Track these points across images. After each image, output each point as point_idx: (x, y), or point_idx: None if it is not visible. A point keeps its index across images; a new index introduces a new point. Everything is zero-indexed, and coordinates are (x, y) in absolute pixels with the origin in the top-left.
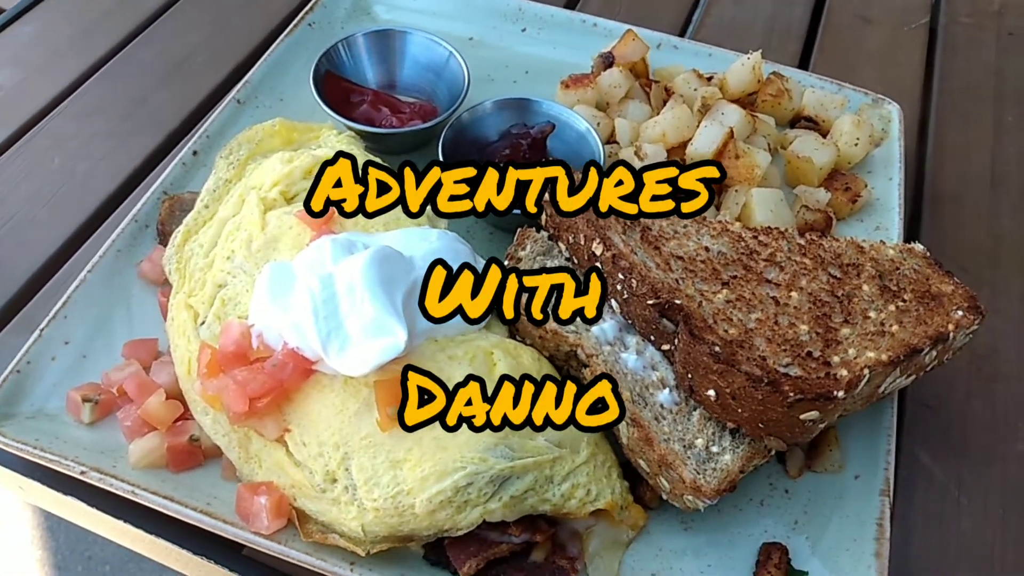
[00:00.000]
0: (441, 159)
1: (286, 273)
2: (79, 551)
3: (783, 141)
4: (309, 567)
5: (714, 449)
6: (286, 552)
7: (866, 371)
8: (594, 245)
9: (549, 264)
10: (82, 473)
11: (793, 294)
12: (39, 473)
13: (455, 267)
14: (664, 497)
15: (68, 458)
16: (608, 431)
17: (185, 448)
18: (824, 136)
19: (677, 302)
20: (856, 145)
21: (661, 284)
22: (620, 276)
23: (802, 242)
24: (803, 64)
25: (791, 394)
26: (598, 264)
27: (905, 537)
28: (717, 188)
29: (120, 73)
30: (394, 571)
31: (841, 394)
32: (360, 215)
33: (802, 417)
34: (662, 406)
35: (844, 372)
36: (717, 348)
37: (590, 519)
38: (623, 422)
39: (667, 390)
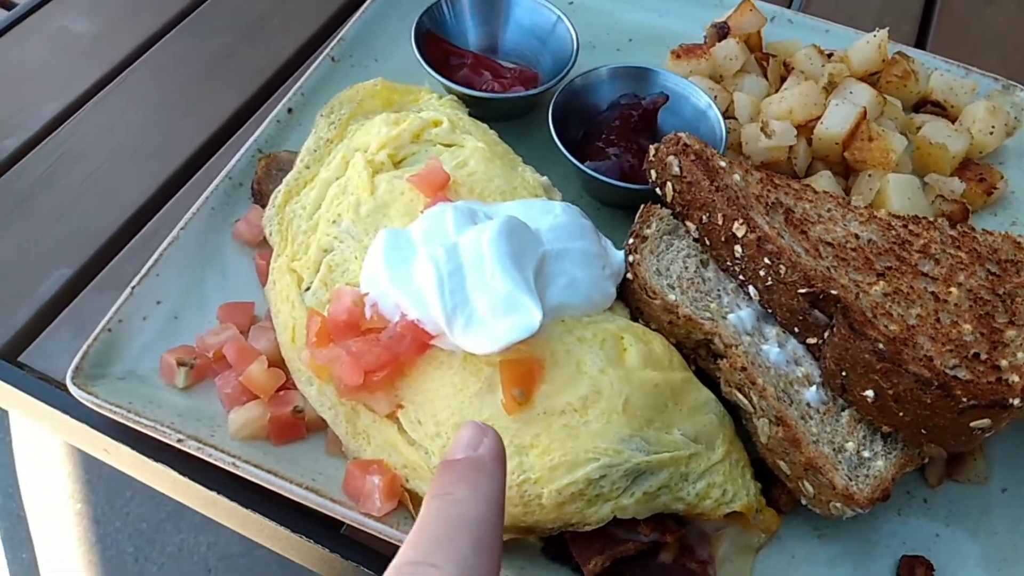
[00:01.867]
0: (552, 128)
1: (404, 240)
2: (118, 507)
3: (910, 125)
4: None
5: (866, 454)
6: (399, 537)
7: None
8: (735, 226)
9: (677, 244)
10: (179, 441)
11: (952, 290)
12: (127, 437)
13: (582, 244)
14: (804, 502)
15: (164, 424)
16: (740, 426)
17: (288, 420)
18: (952, 122)
19: (833, 292)
20: (991, 134)
21: (814, 272)
22: (766, 261)
23: (954, 234)
24: (919, 47)
25: (964, 400)
26: (737, 246)
27: None
28: (845, 172)
29: (202, 26)
30: (512, 564)
31: (1016, 402)
32: (475, 183)
33: (972, 425)
34: (809, 404)
35: (1016, 377)
36: (880, 345)
37: (721, 521)
38: (764, 420)
39: (813, 388)
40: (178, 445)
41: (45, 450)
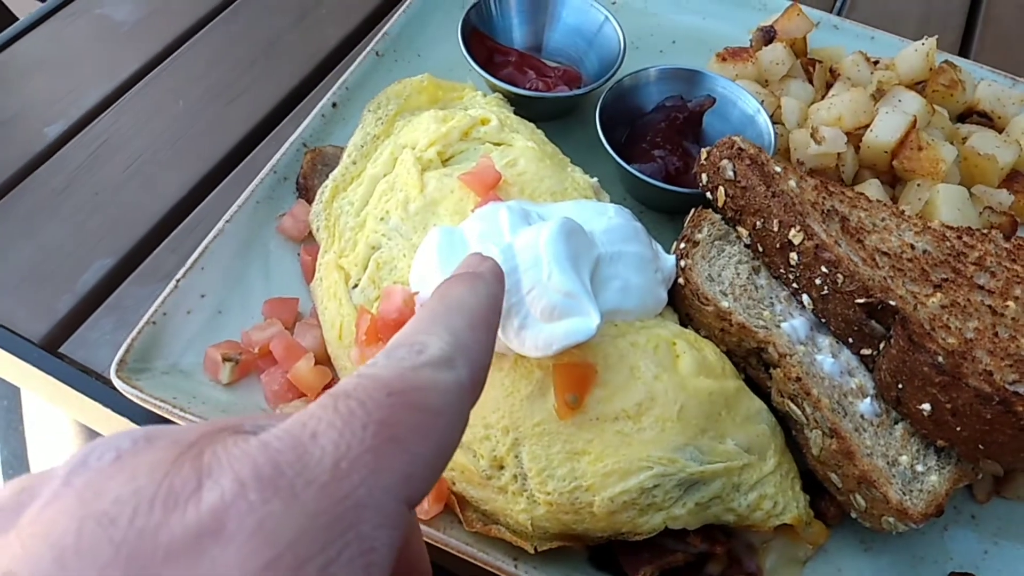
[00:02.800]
0: (599, 127)
1: (457, 239)
2: None
3: (956, 135)
4: (469, 559)
5: (919, 468)
6: (446, 540)
7: None
8: (792, 233)
9: (729, 249)
10: None
11: (1009, 304)
12: None
13: (636, 248)
14: (854, 515)
15: (208, 419)
16: (790, 437)
17: None
18: (999, 133)
19: (892, 303)
20: None
21: (871, 281)
22: (822, 269)
23: (1008, 247)
24: (962, 53)
25: None
26: (793, 254)
27: None
28: (892, 180)
29: (245, 15)
30: (559, 571)
31: None
32: (526, 183)
33: None
34: (863, 417)
35: None
36: (940, 358)
37: (770, 533)
38: (817, 431)
39: (868, 399)
40: None
41: (59, 434)
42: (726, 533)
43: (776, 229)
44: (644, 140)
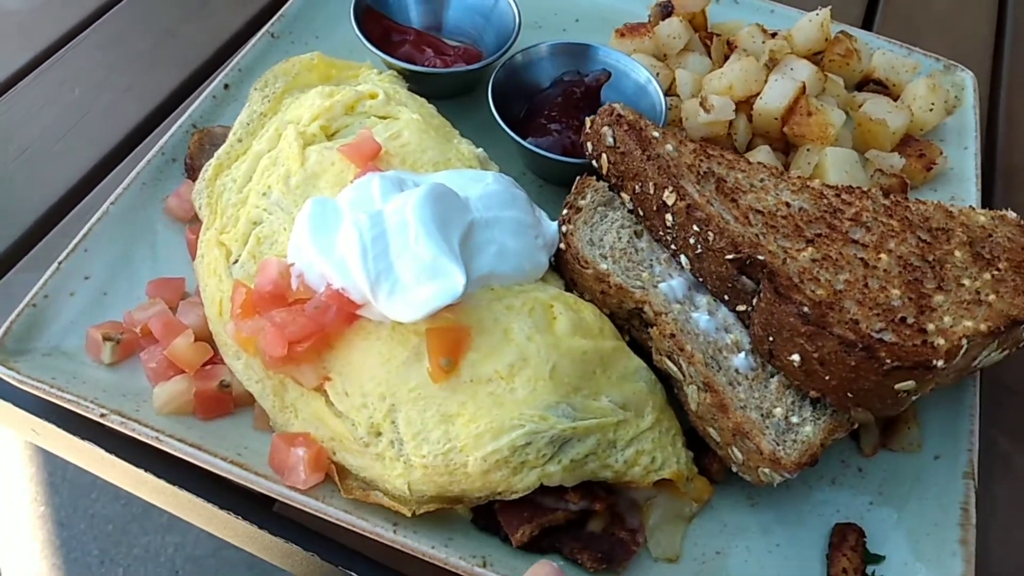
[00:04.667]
0: (491, 103)
1: (330, 209)
2: (82, 508)
3: (851, 103)
4: (348, 526)
5: (794, 419)
6: (324, 509)
7: (964, 341)
8: (665, 194)
9: (611, 215)
10: (102, 416)
11: (882, 256)
12: (54, 415)
13: (514, 214)
14: (734, 469)
15: (87, 399)
16: (673, 396)
17: (214, 394)
18: (894, 100)
19: (760, 258)
20: (931, 111)
21: (741, 238)
22: (695, 228)
23: (887, 203)
24: (866, 27)
25: (888, 361)
26: (668, 215)
27: (984, 525)
28: (785, 148)
29: (143, 5)
30: (440, 535)
31: (940, 363)
32: (408, 154)
33: (897, 387)
34: (737, 371)
35: (941, 341)
36: (805, 308)
37: (652, 490)
38: (693, 386)
39: (742, 354)
40: (101, 420)
41: (5, 453)
42: (607, 490)
43: (652, 191)
44: (541, 115)
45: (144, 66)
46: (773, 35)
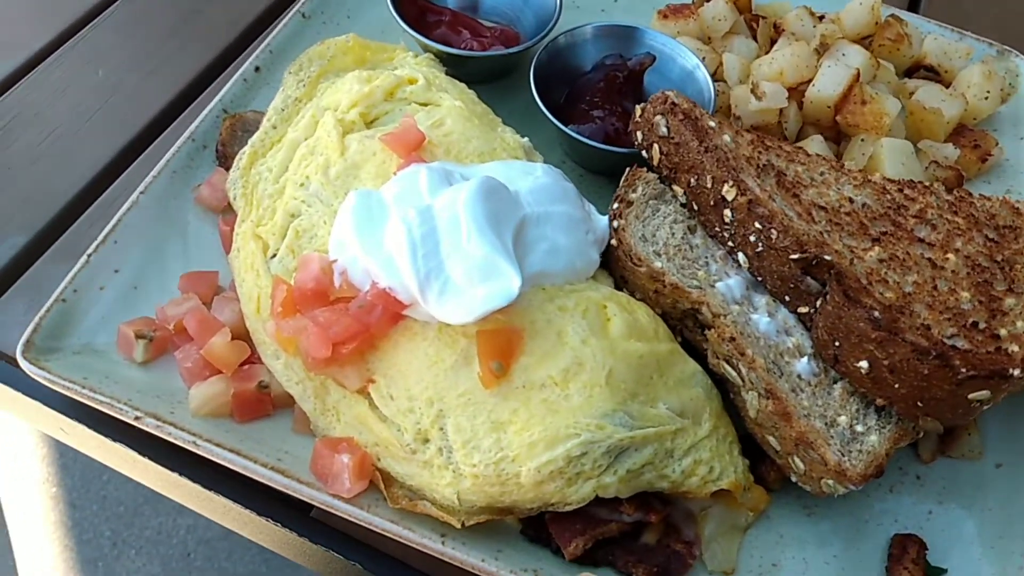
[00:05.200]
0: (533, 88)
1: (375, 203)
2: (94, 490)
3: (903, 90)
4: (394, 536)
5: (859, 428)
6: (369, 519)
7: None
8: (724, 189)
9: (664, 209)
10: (137, 419)
11: (950, 256)
12: (84, 415)
13: (565, 208)
14: (794, 479)
15: (121, 401)
16: (728, 400)
17: (253, 395)
18: (945, 87)
19: (827, 258)
20: (986, 99)
21: (806, 236)
22: (756, 225)
23: (951, 199)
24: (912, 10)
25: (963, 370)
26: (727, 210)
27: None
28: (836, 136)
29: None
30: (490, 547)
31: (1017, 372)
32: (452, 144)
33: (971, 397)
34: (800, 377)
35: (1016, 347)
36: (876, 313)
37: (707, 500)
38: (753, 393)
39: (805, 359)
40: (136, 423)
41: (17, 433)
42: (662, 501)
43: (710, 185)
44: (583, 100)
45: (170, 46)
46: (821, 18)
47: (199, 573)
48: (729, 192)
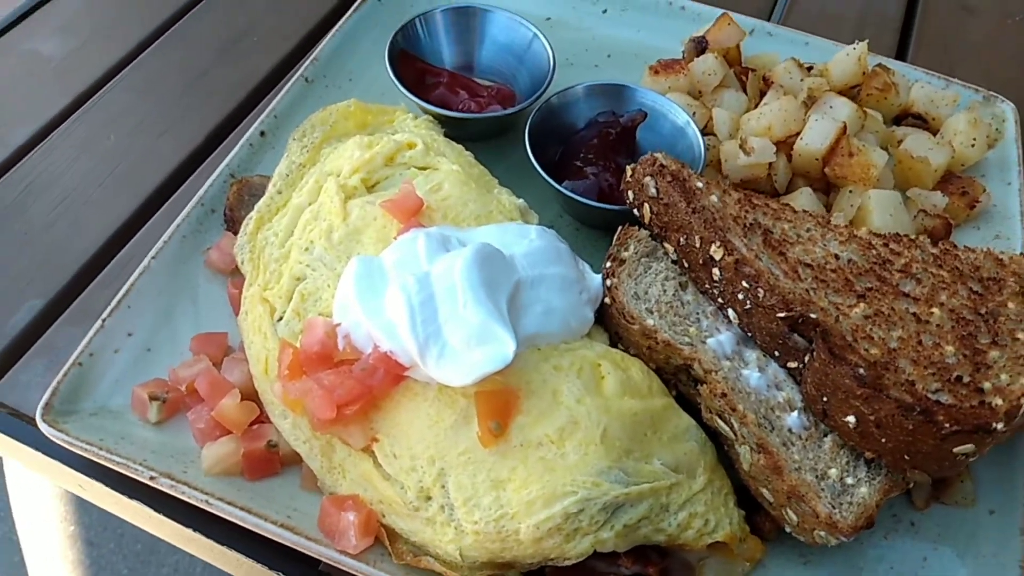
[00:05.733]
0: (528, 149)
1: (375, 269)
2: (112, 528)
3: (891, 139)
4: None
5: (849, 480)
6: (375, 574)
7: (1023, 400)
8: (712, 248)
9: (655, 266)
10: (152, 479)
11: (934, 310)
12: (101, 474)
13: (559, 270)
14: (788, 530)
15: (136, 461)
16: (723, 452)
17: (262, 455)
18: (933, 135)
19: (812, 316)
20: (973, 146)
21: (792, 295)
22: (744, 284)
23: (936, 252)
24: (900, 57)
25: (946, 425)
26: (715, 269)
27: None
28: (825, 188)
29: (176, 46)
30: None
31: (1000, 426)
32: (450, 208)
33: (956, 451)
34: (791, 431)
35: (1000, 400)
36: (861, 370)
37: (704, 551)
38: (746, 447)
39: (795, 413)
40: (151, 483)
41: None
42: (660, 553)
43: (698, 245)
44: (577, 157)
45: (179, 109)
46: (809, 69)
47: None
48: (716, 252)
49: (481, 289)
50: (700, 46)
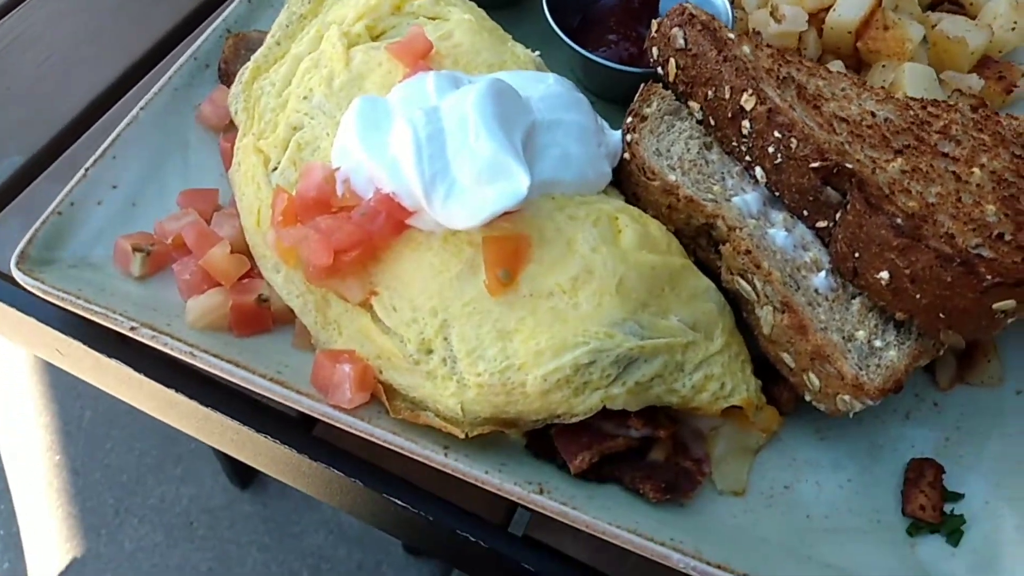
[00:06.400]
0: (546, 9)
1: (380, 108)
2: (98, 458)
3: (926, 22)
4: (396, 448)
5: (877, 343)
6: (370, 430)
7: None
8: (743, 98)
9: (679, 125)
10: (132, 329)
11: (975, 170)
12: (79, 332)
13: (577, 117)
14: (808, 398)
15: (116, 311)
16: (741, 321)
17: (252, 309)
18: (972, 20)
19: (848, 166)
20: (1013, 30)
21: (827, 145)
22: (776, 135)
23: (976, 116)
24: None
25: (988, 277)
26: (745, 121)
27: None
28: (857, 66)
29: None
30: (493, 459)
31: None
32: (461, 55)
33: (995, 306)
34: (817, 291)
35: None
36: (899, 220)
37: (718, 419)
38: (768, 307)
39: (822, 273)
40: (131, 334)
41: (22, 400)
42: (671, 418)
43: (728, 96)
44: (598, 25)
45: None
46: None
47: (201, 542)
48: (748, 101)
49: (495, 122)
50: None
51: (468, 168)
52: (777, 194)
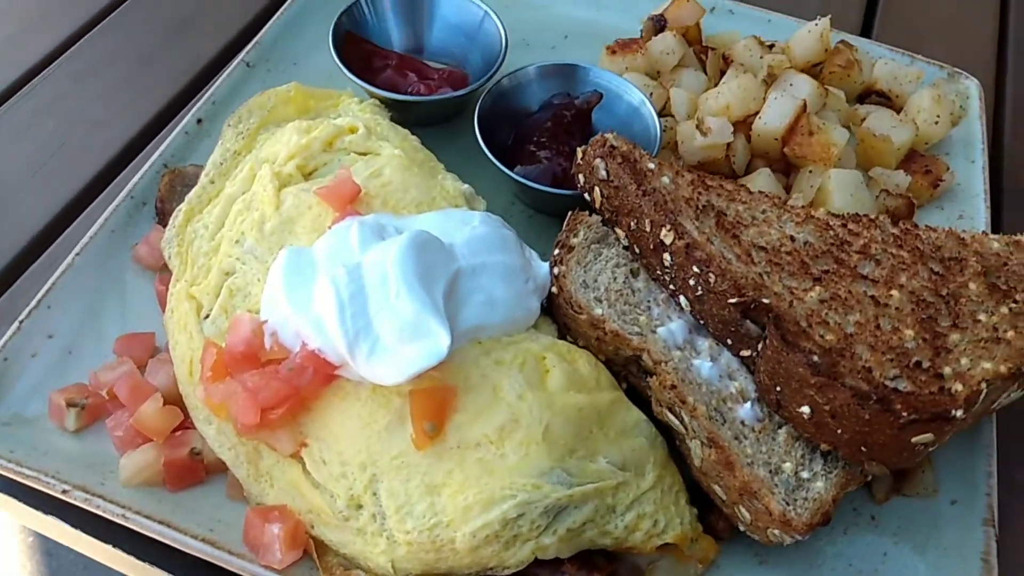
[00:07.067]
0: (477, 133)
1: (305, 260)
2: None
3: (854, 117)
4: None
5: (804, 475)
6: None
7: (983, 385)
8: (662, 232)
9: (606, 253)
10: (64, 492)
11: (893, 292)
12: (16, 489)
13: (503, 258)
14: (742, 528)
15: (48, 474)
16: (675, 447)
17: (185, 463)
18: (897, 112)
19: (765, 301)
20: (936, 123)
21: (744, 279)
22: (695, 269)
23: (896, 232)
24: (864, 34)
25: (904, 414)
26: (666, 254)
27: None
28: (786, 169)
29: (119, 30)
30: None
31: (959, 413)
32: (390, 194)
33: (914, 440)
34: (743, 423)
35: (959, 386)
36: (815, 357)
37: (655, 553)
38: (697, 441)
39: (748, 404)
40: (63, 497)
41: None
42: (608, 557)
43: (648, 229)
44: (530, 141)
45: (120, 96)
46: (771, 47)
47: None
48: (667, 236)
49: (415, 279)
50: (659, 24)
51: (390, 326)
52: (702, 322)
